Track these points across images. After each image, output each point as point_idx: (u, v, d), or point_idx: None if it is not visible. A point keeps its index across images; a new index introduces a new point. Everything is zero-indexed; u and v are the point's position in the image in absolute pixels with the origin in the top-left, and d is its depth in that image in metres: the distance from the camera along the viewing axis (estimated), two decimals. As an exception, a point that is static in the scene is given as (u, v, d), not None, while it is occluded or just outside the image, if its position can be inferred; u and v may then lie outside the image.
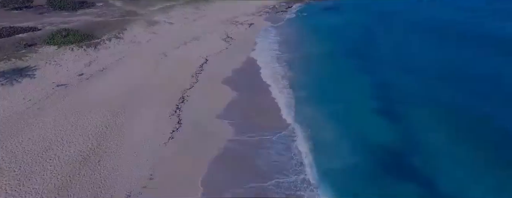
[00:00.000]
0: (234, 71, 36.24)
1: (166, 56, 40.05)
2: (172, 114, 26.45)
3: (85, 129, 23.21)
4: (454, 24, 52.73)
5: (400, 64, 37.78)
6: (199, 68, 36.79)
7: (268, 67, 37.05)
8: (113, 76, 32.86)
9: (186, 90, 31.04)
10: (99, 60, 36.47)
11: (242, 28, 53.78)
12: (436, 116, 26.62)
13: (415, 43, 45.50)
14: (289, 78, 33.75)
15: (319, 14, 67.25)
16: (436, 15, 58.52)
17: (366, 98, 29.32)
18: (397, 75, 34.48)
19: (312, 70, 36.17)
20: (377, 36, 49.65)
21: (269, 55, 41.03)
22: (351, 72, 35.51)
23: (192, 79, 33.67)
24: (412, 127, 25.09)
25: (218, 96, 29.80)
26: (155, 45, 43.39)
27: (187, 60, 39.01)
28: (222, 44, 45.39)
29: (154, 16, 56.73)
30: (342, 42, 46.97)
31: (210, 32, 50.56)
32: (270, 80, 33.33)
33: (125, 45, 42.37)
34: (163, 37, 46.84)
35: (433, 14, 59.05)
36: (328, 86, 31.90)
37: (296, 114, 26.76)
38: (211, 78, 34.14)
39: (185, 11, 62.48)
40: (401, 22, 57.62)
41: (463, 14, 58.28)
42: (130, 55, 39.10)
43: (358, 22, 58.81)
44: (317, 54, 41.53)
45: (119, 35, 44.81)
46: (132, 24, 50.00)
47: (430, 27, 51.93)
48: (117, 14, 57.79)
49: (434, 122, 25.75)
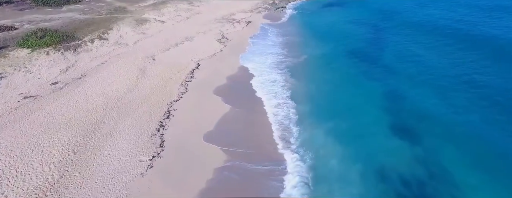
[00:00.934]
0: (229, 78, 32.51)
1: (154, 60, 36.27)
2: (154, 134, 22.84)
3: (48, 155, 19.60)
4: (467, 24, 48.73)
5: (412, 71, 34.00)
6: (190, 75, 33.05)
7: (266, 74, 33.26)
8: (91, 86, 29.14)
9: (173, 103, 27.38)
10: (77, 66, 32.69)
11: (239, 27, 49.85)
12: (462, 138, 23.03)
13: (426, 45, 41.61)
14: (289, 89, 30.03)
15: (322, 11, 63.25)
16: (448, 14, 54.40)
17: (377, 117, 25.62)
18: (410, 84, 30.79)
19: (314, 78, 32.35)
20: (385, 38, 45.73)
21: (268, 59, 37.22)
22: (358, 81, 31.79)
23: (180, 89, 29.97)
24: (433, 153, 21.55)
25: (208, 111, 26.16)
26: (143, 47, 39.55)
27: (176, 65, 35.25)
28: (216, 45, 41.55)
29: (145, 13, 52.71)
30: (348, 44, 43.10)
31: (204, 32, 46.68)
32: (266, 91, 29.53)
33: (109, 47, 38.51)
34: (153, 38, 42.96)
35: (444, 13, 54.95)
36: (334, 101, 28.14)
37: (294, 138, 23.16)
38: (202, 87, 30.44)
39: (178, 7, 58.40)
40: (410, 20, 53.55)
41: (477, 13, 54.17)
42: (114, 60, 35.29)
43: (364, 21, 54.80)
44: (320, 58, 37.73)
45: (104, 35, 40.91)
46: (119, 22, 46.05)
47: (442, 26, 47.93)
48: (105, 11, 53.76)
49: (461, 148, 22.09)
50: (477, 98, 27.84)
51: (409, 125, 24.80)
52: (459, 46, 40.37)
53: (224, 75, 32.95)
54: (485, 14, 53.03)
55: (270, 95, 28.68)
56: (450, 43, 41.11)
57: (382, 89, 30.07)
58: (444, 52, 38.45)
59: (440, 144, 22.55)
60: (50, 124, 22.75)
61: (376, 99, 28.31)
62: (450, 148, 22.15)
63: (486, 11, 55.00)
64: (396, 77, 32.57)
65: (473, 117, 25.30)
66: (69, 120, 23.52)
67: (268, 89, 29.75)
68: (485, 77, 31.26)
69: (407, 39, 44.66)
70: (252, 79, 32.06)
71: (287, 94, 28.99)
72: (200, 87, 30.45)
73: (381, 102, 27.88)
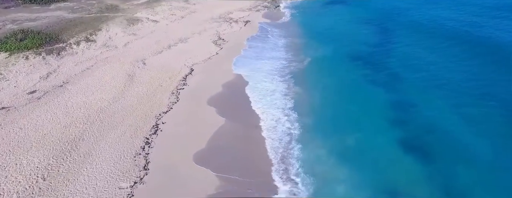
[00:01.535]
0: (225, 86, 29.95)
1: (144, 64, 33.69)
2: (139, 153, 20.39)
3: (12, 182, 17.15)
4: (477, 27, 46.05)
5: (421, 78, 31.43)
6: (182, 82, 30.51)
7: (264, 81, 30.72)
8: (73, 95, 26.61)
9: (162, 115, 24.89)
10: (60, 71, 30.10)
11: (237, 27, 47.13)
12: (477, 157, 20.69)
13: (435, 48, 38.83)
14: (288, 99, 27.53)
15: (323, 10, 60.37)
16: (456, 14, 51.62)
17: (386, 133, 23.15)
18: (419, 94, 28.30)
19: (317, 87, 29.60)
20: (391, 40, 43.06)
21: (266, 65, 34.64)
22: (364, 91, 29.26)
23: (171, 98, 27.47)
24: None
25: (200, 125, 23.69)
26: (133, 50, 36.91)
27: (168, 70, 32.69)
28: (212, 48, 38.92)
29: (137, 12, 49.90)
30: (351, 46, 40.45)
31: (199, 33, 43.99)
32: (264, 102, 27.02)
33: (96, 50, 35.85)
34: (144, 39, 40.27)
35: (452, 13, 52.14)
36: (337, 113, 25.64)
37: (294, 159, 20.76)
38: (194, 96, 27.94)
39: (173, 6, 55.54)
40: (416, 19, 50.64)
41: (486, 13, 51.45)
42: (101, 64, 32.69)
43: (368, 20, 51.97)
44: (322, 63, 35.06)
45: (91, 37, 38.21)
46: (109, 22, 43.29)
47: (452, 29, 45.14)
48: (95, 10, 50.93)
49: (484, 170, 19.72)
50: (493, 112, 25.42)
51: (420, 142, 22.38)
52: (466, 49, 37.77)
53: (219, 82, 30.39)
54: (494, 14, 50.35)
55: (268, 107, 26.16)
56: (460, 48, 38.46)
57: (390, 99, 27.57)
58: (455, 58, 35.78)
59: (454, 163, 20.29)
60: (21, 142, 20.27)
61: (384, 111, 25.82)
62: (464, 167, 19.90)
63: (495, 10, 52.29)
64: (404, 85, 30.05)
65: (489, 133, 22.92)
66: (44, 137, 21.03)
67: (266, 100, 27.23)
68: (501, 89, 28.74)
69: (414, 41, 41.95)
70: (250, 87, 29.49)
71: (287, 105, 26.48)
72: (192, 96, 27.94)
73: (389, 115, 25.37)
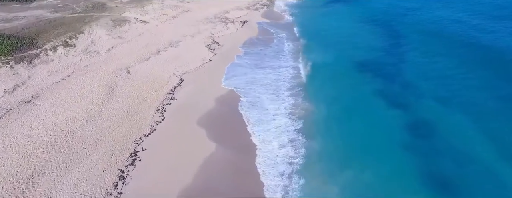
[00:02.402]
0: (218, 100, 26.45)
1: (128, 73, 30.10)
2: (110, 193, 16.96)
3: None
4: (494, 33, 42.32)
5: (440, 91, 27.99)
6: (170, 95, 26.99)
7: (260, 96, 27.17)
8: (42, 112, 23.08)
9: (143, 139, 21.43)
10: (29, 84, 26.49)
11: (233, 29, 43.38)
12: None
13: (453, 54, 34.98)
14: (289, 119, 24.06)
15: (327, 9, 56.50)
16: (471, 16, 47.76)
17: (404, 165, 19.88)
18: (441, 112, 24.91)
19: (319, 104, 25.87)
20: (401, 43, 39.38)
21: (265, 75, 31.09)
22: (375, 107, 25.84)
23: (155, 116, 23.98)
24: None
25: (187, 152, 20.27)
26: (117, 56, 33.22)
27: (155, 80, 29.13)
28: (205, 53, 35.27)
29: (125, 12, 45.98)
30: (358, 51, 36.88)
31: (192, 35, 40.25)
32: (262, 123, 23.54)
33: (75, 56, 32.17)
34: (131, 43, 36.53)
35: (467, 14, 48.28)
36: (344, 138, 22.21)
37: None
38: (182, 114, 24.45)
39: (165, 4, 51.58)
40: (428, 19, 46.88)
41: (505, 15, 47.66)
42: (79, 73, 29.07)
43: (374, 20, 48.33)
44: (326, 73, 31.43)
45: (71, 41, 34.45)
46: (93, 23, 39.44)
47: (468, 32, 41.30)
48: (81, 8, 46.97)
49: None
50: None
51: (447, 176, 19.12)
52: (480, 54, 34.19)
53: (211, 97, 26.85)
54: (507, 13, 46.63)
55: (266, 129, 22.69)
56: (473, 53, 34.85)
57: (406, 119, 24.15)
58: (470, 64, 32.24)
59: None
60: (-32, 179, 16.83)
61: (400, 135, 22.40)
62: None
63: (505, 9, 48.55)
64: (422, 100, 26.58)
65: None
66: (-3, 170, 17.59)
67: (263, 120, 23.72)
68: None
69: (423, 44, 38.23)
70: (245, 104, 25.94)
71: (287, 127, 23.00)
72: (180, 114, 24.42)
73: (406, 139, 21.96)
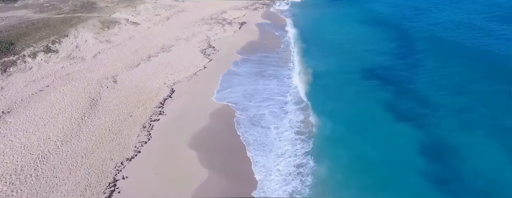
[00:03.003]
0: (212, 116, 23.80)
1: (115, 82, 27.42)
2: (81, 237, 14.38)
3: None
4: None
5: (460, 103, 25.27)
6: (158, 109, 24.33)
7: (259, 112, 24.49)
8: (11, 131, 20.43)
9: (125, 164, 18.82)
10: (1, 96, 23.78)
11: (230, 31, 40.56)
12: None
13: (472, 61, 31.94)
14: (291, 142, 21.43)
15: (330, 8, 53.59)
16: (477, 19, 44.73)
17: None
18: (461, 129, 22.29)
19: (324, 120, 23.32)
20: (412, 47, 36.45)
21: (266, 85, 28.39)
22: (387, 123, 23.20)
23: (141, 135, 21.36)
24: None
25: (173, 183, 17.69)
26: (104, 63, 30.50)
27: (144, 91, 26.47)
28: (199, 59, 32.53)
29: (116, 12, 43.11)
30: (366, 56, 34.10)
31: (187, 38, 37.46)
32: (260, 144, 20.92)
33: (57, 63, 29.43)
34: (119, 48, 33.76)
35: (484, 15, 45.18)
36: (354, 163, 19.63)
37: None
38: (172, 132, 21.83)
39: (158, 3, 48.67)
40: (441, 20, 43.74)
41: None
42: (59, 83, 26.38)
43: (381, 20, 45.40)
44: (334, 83, 28.75)
45: (54, 46, 31.68)
46: (80, 26, 36.59)
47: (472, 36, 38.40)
48: (68, 8, 44.10)
49: None
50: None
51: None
52: None
53: (205, 111, 24.19)
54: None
55: (267, 153, 20.07)
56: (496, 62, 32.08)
57: (422, 138, 21.53)
58: (495, 74, 29.36)
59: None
60: None
61: (417, 159, 19.83)
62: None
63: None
64: (438, 115, 23.93)
65: None
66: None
67: (265, 142, 21.05)
68: None
69: (437, 50, 35.16)
70: (243, 120, 23.29)
71: (292, 150, 20.38)
72: (169, 132, 21.80)
73: (424, 164, 19.42)
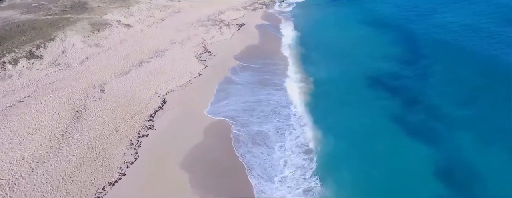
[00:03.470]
0: (207, 131, 21.75)
1: (102, 91, 25.37)
2: None
3: None
4: None
5: (480, 119, 23.15)
6: (148, 123, 22.30)
7: (258, 128, 22.47)
8: (-17, 152, 18.40)
9: (108, 189, 16.83)
10: (-24, 110, 21.76)
11: (228, 33, 38.40)
12: None
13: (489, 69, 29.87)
14: (293, 163, 19.44)
15: (333, 8, 51.33)
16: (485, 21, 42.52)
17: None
18: (486, 153, 20.22)
19: (334, 137, 21.40)
20: (417, 52, 34.28)
21: (267, 96, 26.35)
22: (397, 142, 21.17)
23: (127, 154, 19.36)
24: None
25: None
26: (92, 70, 28.42)
27: (133, 102, 24.43)
28: (194, 65, 30.44)
29: (107, 13, 40.93)
30: (371, 61, 31.97)
31: (181, 41, 35.34)
32: (260, 167, 18.91)
33: (41, 70, 27.35)
34: (109, 53, 31.64)
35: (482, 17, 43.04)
36: (371, 188, 17.67)
37: None
38: (161, 150, 19.82)
39: (153, 3, 46.44)
40: (445, 23, 41.67)
41: None
42: (41, 93, 24.33)
43: (387, 20, 43.23)
44: (338, 92, 26.76)
45: (38, 51, 29.57)
46: (68, 28, 34.45)
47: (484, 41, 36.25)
48: (58, 8, 41.95)
49: None
50: None
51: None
52: None
53: (200, 126, 22.13)
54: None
55: (272, 178, 18.04)
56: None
57: (435, 157, 19.68)
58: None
59: None
60: None
61: (430, 180, 18.02)
62: None
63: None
64: (452, 128, 21.95)
65: None
66: None
67: (269, 165, 19.01)
68: None
69: (445, 53, 32.97)
70: (242, 137, 21.23)
71: (294, 173, 18.37)
72: (158, 150, 19.78)
73: (438, 187, 17.55)
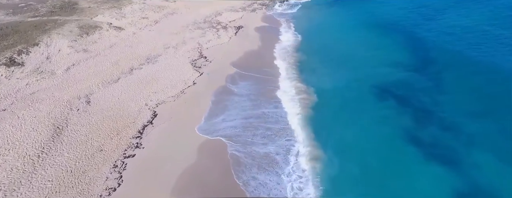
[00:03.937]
0: (201, 150, 19.77)
1: (88, 103, 23.35)
2: None
3: None
4: None
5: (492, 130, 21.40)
6: (136, 141, 20.30)
7: (269, 155, 20.44)
8: None
9: (85, 225, 14.84)
10: None
11: (226, 37, 36.26)
12: None
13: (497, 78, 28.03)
14: (299, 187, 17.50)
15: (336, 8, 49.20)
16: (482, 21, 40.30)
17: None
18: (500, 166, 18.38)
19: (340, 156, 19.58)
20: (432, 56, 32.18)
21: (273, 110, 24.33)
22: (408, 163, 19.27)
23: (110, 178, 17.38)
24: None
25: None
26: (78, 78, 26.34)
27: (120, 115, 22.42)
28: (188, 73, 28.37)
29: (98, 14, 38.70)
30: (378, 68, 30.08)
31: (176, 46, 33.20)
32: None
33: (21, 79, 25.24)
34: (98, 59, 29.52)
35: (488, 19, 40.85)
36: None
37: None
38: (148, 174, 17.84)
39: (147, 4, 44.19)
40: (456, 24, 39.60)
41: None
42: (20, 106, 22.27)
43: (392, 22, 41.39)
44: (343, 104, 24.80)
45: (19, 57, 27.44)
46: (54, 31, 32.27)
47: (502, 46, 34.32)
48: (45, 10, 39.74)
49: None
50: None
51: None
52: None
53: (193, 144, 20.14)
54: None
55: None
56: None
57: (454, 182, 17.79)
58: None
59: None
60: None
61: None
62: None
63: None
64: (470, 147, 20.06)
65: None
66: None
67: (271, 193, 17.07)
68: None
69: (460, 58, 31.10)
70: (243, 160, 19.23)
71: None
72: (146, 174, 17.80)
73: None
